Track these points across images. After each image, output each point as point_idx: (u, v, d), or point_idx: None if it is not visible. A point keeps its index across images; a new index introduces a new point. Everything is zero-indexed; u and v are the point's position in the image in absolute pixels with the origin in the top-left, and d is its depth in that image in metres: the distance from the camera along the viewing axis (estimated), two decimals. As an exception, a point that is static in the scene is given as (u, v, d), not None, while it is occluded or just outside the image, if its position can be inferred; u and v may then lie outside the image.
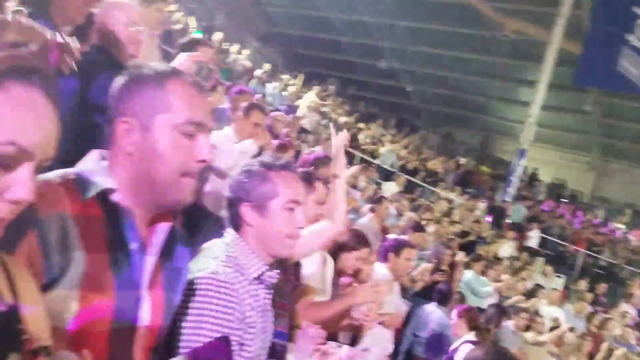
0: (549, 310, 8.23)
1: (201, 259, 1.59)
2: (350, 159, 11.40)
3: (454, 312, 5.08)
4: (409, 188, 11.43)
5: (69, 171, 1.23)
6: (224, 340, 1.28)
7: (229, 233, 1.69)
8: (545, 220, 14.02)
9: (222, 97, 5.83)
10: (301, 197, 1.73)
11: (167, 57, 4.57)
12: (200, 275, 1.51)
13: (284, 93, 12.21)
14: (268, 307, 1.70)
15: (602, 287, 10.77)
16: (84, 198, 1.19)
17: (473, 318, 4.99)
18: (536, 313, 7.83)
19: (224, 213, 1.79)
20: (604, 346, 7.43)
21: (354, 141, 12.95)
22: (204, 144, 1.26)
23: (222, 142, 3.88)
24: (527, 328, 7.01)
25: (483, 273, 7.70)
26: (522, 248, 11.56)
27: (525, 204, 14.21)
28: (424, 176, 13.07)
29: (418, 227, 6.57)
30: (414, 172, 12.76)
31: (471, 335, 4.83)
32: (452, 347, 4.84)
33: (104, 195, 1.21)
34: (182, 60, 2.68)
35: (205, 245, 1.91)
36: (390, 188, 10.27)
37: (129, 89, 1.27)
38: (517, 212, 13.42)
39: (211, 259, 1.58)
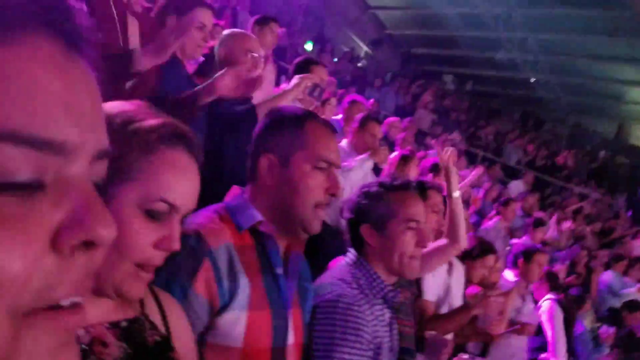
0: None
1: (327, 281, 1.67)
2: (473, 158, 11.12)
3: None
4: (537, 185, 10.90)
5: (221, 206, 1.42)
6: None
7: (352, 253, 1.76)
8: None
9: (335, 108, 5.90)
10: (422, 217, 1.77)
11: (282, 71, 4.78)
12: (328, 298, 1.59)
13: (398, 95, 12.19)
14: (394, 325, 1.75)
15: None
16: (241, 230, 1.36)
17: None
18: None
19: (342, 224, 1.89)
20: None
21: (475, 139, 12.61)
22: (335, 178, 1.43)
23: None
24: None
25: (625, 273, 7.17)
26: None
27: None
28: (554, 172, 12.40)
29: (538, 223, 6.32)
30: (542, 169, 12.14)
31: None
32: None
33: (254, 226, 1.38)
34: (296, 82, 2.85)
35: (331, 263, 2.02)
36: (516, 187, 9.87)
37: (272, 128, 1.45)
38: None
39: (337, 281, 1.66)
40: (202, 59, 3.57)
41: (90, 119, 0.39)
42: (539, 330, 4.43)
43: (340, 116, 5.73)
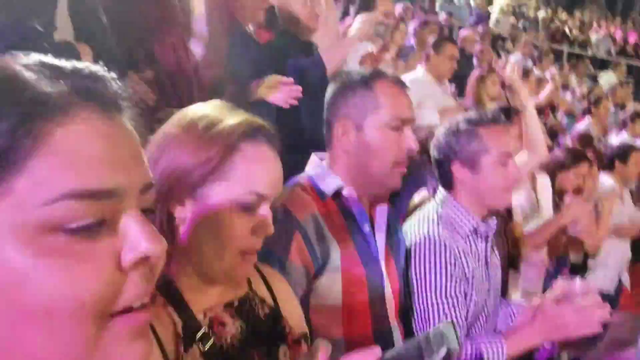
0: None
1: (416, 222, 1.70)
2: (559, 57, 10.57)
3: None
4: (632, 74, 10.25)
5: (303, 177, 1.48)
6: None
7: (440, 192, 1.75)
8: None
9: (405, 35, 5.70)
10: (512, 149, 1.74)
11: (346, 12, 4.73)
12: (417, 240, 1.62)
13: (471, 2, 11.63)
14: (488, 256, 1.76)
15: None
16: (324, 198, 1.43)
17: None
18: None
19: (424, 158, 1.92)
20: None
21: (559, 36, 11.91)
22: (410, 135, 1.44)
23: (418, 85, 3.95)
24: None
25: None
26: None
27: None
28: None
29: (635, 116, 6.02)
30: (635, 55, 11.33)
31: None
32: None
33: (337, 192, 1.44)
34: (359, 26, 2.79)
35: (417, 200, 2.10)
36: (608, 79, 9.33)
37: (342, 94, 1.46)
38: None
39: (425, 221, 1.68)
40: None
41: (132, 163, 0.51)
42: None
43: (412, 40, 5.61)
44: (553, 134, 6.15)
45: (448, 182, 1.74)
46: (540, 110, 6.30)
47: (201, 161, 0.92)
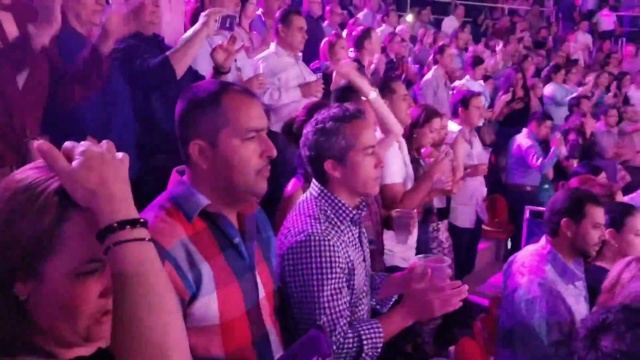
0: (639, 94, 8.09)
1: (295, 219, 1.79)
2: (401, 5, 11.05)
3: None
4: (469, 14, 11.00)
5: (166, 199, 1.45)
6: (318, 328, 1.43)
7: (315, 186, 1.85)
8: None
9: (256, 7, 5.64)
10: (376, 140, 1.89)
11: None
12: (299, 238, 1.70)
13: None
14: (363, 238, 1.91)
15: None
16: (191, 219, 1.41)
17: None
18: (626, 101, 7.75)
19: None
20: None
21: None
22: (267, 142, 1.46)
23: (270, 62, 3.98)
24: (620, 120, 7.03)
25: (565, 81, 7.61)
26: (599, 34, 11.00)
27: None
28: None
29: (477, 61, 6.57)
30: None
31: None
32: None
33: (203, 211, 1.43)
34: (203, 20, 2.76)
35: (290, 187, 2.19)
36: (451, 24, 9.96)
37: (191, 113, 1.44)
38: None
39: (304, 217, 1.77)
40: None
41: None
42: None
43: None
44: (408, 84, 6.56)
45: (322, 177, 1.84)
46: (394, 64, 6.68)
47: (32, 234, 0.90)
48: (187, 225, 1.41)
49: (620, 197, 3.21)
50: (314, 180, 1.88)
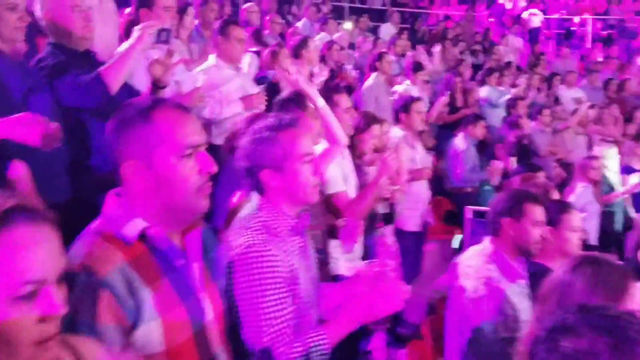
0: (568, 94, 8.45)
1: (237, 231, 1.76)
2: (340, 13, 11.18)
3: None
4: (405, 21, 11.24)
5: (102, 223, 1.39)
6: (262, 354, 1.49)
7: (255, 197, 1.84)
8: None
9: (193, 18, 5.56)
10: (312, 148, 1.87)
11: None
12: (238, 251, 1.68)
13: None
14: (307, 247, 1.90)
15: (616, 49, 10.78)
16: (129, 243, 1.35)
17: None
18: (556, 101, 8.08)
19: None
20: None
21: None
22: (205, 158, 1.41)
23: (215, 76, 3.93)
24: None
25: (499, 84, 7.86)
26: (530, 37, 11.44)
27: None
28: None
29: (416, 67, 6.72)
30: (406, 4, 12.40)
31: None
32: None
33: (142, 233, 1.37)
34: (137, 34, 2.68)
35: (234, 204, 2.18)
36: (388, 31, 10.14)
37: (122, 133, 1.38)
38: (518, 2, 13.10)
39: (245, 230, 1.74)
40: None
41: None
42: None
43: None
44: (348, 91, 6.62)
45: (260, 188, 1.83)
46: (334, 72, 6.73)
47: None
48: (126, 250, 1.35)
49: (555, 195, 3.33)
50: (253, 191, 1.87)
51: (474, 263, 2.58)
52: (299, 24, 8.58)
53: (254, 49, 5.67)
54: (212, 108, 3.82)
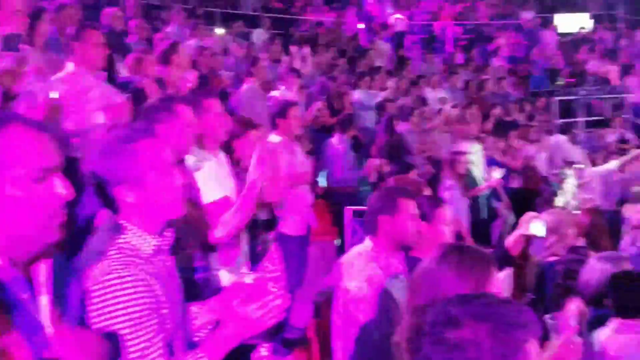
0: (434, 94, 8.96)
1: (92, 257, 1.59)
2: (211, 19, 11.01)
3: None
4: (277, 26, 11.29)
5: None
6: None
7: (112, 217, 1.65)
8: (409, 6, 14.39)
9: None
10: (170, 157, 1.70)
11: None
12: (93, 281, 1.52)
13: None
14: (171, 266, 1.74)
15: (475, 52, 11.62)
16: None
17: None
18: (423, 102, 8.53)
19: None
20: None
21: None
22: (58, 182, 1.26)
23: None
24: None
25: (370, 87, 8.14)
26: (396, 40, 11.99)
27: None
28: (289, 6, 12.75)
29: (291, 72, 6.79)
30: (278, 9, 12.46)
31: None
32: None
33: None
34: None
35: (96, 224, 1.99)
36: (260, 36, 10.12)
37: None
38: (384, 9, 13.70)
39: (102, 256, 1.57)
40: None
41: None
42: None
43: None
44: (223, 97, 6.51)
45: (113, 206, 1.64)
46: (206, 79, 6.58)
47: None
48: None
49: (426, 191, 3.48)
50: (106, 210, 1.69)
51: (356, 263, 2.61)
52: (168, 29, 8.32)
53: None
54: (71, 120, 3.54)
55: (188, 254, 1.90)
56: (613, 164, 7.21)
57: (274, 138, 4.47)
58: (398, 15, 12.96)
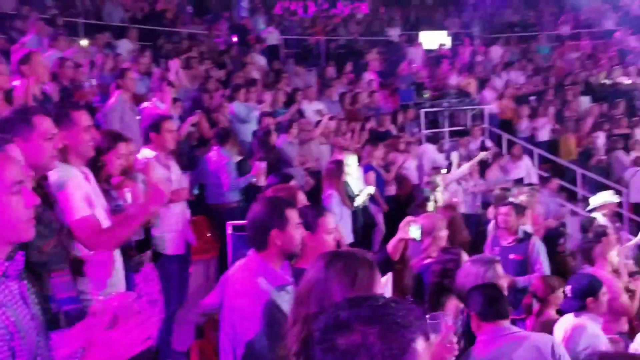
0: (311, 107, 9.07)
1: None
2: (73, 30, 10.36)
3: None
4: (146, 39, 10.87)
5: None
6: None
7: None
8: (282, 21, 14.59)
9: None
10: (23, 175, 1.57)
11: None
12: None
13: None
14: (24, 292, 1.61)
15: (348, 66, 11.98)
16: None
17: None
18: (301, 115, 8.62)
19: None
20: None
21: (71, 7, 11.66)
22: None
23: None
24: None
25: (247, 100, 8.05)
26: (269, 54, 12.05)
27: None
28: (158, 20, 12.35)
29: (163, 84, 6.53)
30: (145, 19, 12.02)
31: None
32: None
33: None
34: None
35: None
36: (126, 47, 9.67)
37: None
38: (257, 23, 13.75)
39: None
40: None
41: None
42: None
43: None
44: (90, 110, 6.09)
45: None
46: (69, 91, 6.12)
47: None
48: None
49: (303, 201, 3.44)
50: None
51: (241, 278, 2.51)
52: (25, 40, 7.68)
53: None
54: None
55: (45, 280, 1.75)
56: (464, 168, 7.75)
57: (148, 153, 4.23)
58: (270, 29, 13.06)
